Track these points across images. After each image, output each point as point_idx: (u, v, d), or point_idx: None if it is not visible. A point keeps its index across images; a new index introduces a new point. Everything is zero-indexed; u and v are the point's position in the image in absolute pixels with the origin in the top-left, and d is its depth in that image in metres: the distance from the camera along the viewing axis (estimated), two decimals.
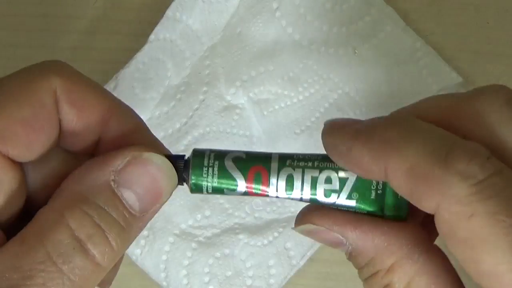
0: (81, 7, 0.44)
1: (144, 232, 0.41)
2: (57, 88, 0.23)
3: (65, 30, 0.43)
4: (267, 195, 0.24)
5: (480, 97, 0.22)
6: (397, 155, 0.21)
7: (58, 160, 0.24)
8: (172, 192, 0.24)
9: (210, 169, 0.24)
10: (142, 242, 0.41)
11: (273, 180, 0.24)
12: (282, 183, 0.24)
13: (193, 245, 0.42)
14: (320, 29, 0.43)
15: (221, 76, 0.43)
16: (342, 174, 0.24)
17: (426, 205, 0.20)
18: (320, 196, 0.24)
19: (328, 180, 0.24)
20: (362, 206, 0.24)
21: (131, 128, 0.25)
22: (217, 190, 0.24)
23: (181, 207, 0.42)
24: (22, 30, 0.43)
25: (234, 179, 0.24)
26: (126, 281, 0.43)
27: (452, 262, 0.23)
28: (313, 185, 0.24)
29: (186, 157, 0.24)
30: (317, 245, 0.42)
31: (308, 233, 0.24)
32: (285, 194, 0.24)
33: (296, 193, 0.24)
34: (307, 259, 0.42)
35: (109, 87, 0.41)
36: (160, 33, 0.42)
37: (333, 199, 0.24)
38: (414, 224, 0.23)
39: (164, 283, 0.41)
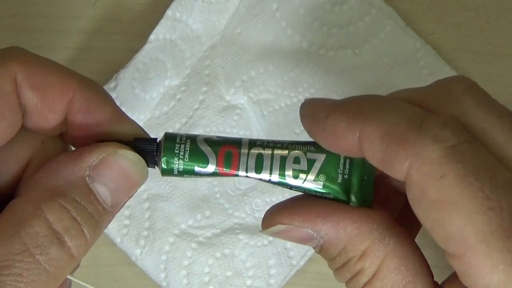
0: (81, 7, 0.44)
1: (144, 232, 0.41)
2: (17, 75, 0.23)
3: (65, 30, 0.43)
4: (237, 175, 0.24)
5: (443, 86, 0.23)
6: (373, 120, 0.21)
7: (25, 143, 0.25)
8: (140, 186, 0.25)
9: (182, 148, 0.24)
10: (142, 242, 0.41)
11: (243, 159, 0.24)
12: (252, 162, 0.24)
13: (193, 245, 0.42)
14: (320, 29, 0.43)
15: (221, 76, 0.43)
16: (310, 155, 0.24)
17: (397, 168, 0.21)
18: (289, 178, 0.24)
19: (297, 160, 0.24)
20: (329, 190, 0.24)
21: (98, 105, 0.25)
22: (187, 170, 0.25)
23: (181, 207, 0.42)
24: (22, 30, 0.43)
25: (205, 157, 0.24)
26: (126, 281, 0.43)
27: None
28: (282, 165, 0.24)
29: (158, 140, 0.25)
30: None
31: (277, 234, 0.24)
32: (254, 174, 0.24)
33: (265, 174, 0.24)
34: (307, 259, 0.42)
35: (109, 87, 0.41)
36: (160, 33, 0.42)
37: (300, 181, 0.24)
38: (379, 209, 0.24)
39: (164, 283, 0.41)
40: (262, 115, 0.42)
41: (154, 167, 0.25)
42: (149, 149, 0.25)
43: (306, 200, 0.24)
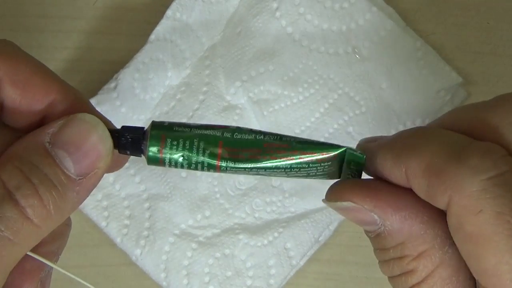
0: (81, 7, 0.44)
1: (144, 232, 0.41)
2: (0, 69, 0.23)
3: (65, 30, 0.43)
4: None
5: (497, 110, 0.22)
6: (415, 156, 0.21)
7: (1, 137, 0.24)
8: (109, 156, 0.24)
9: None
10: (142, 242, 0.41)
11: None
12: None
13: (193, 245, 0.42)
14: (320, 28, 0.43)
15: (221, 76, 0.43)
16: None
17: (440, 200, 0.20)
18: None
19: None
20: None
21: (78, 107, 0.25)
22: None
23: (181, 207, 0.42)
24: (22, 30, 0.43)
25: None
26: (126, 281, 0.43)
27: None
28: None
29: (145, 129, 0.25)
30: (317, 245, 0.42)
31: (340, 210, 0.24)
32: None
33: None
34: (307, 259, 0.42)
35: (109, 87, 0.41)
36: (160, 33, 0.42)
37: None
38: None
39: (164, 283, 0.41)
40: (262, 115, 0.42)
41: (141, 156, 0.25)
42: (135, 138, 0.24)
43: (380, 184, 0.23)
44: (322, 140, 0.42)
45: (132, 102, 0.42)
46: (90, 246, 0.43)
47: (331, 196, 0.24)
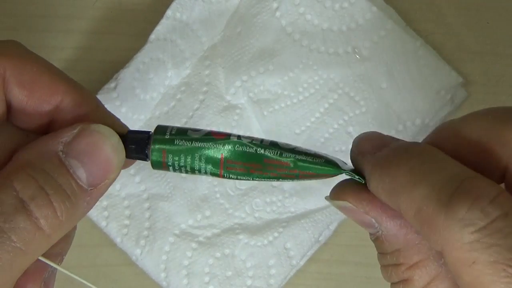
0: (81, 7, 0.44)
1: (144, 232, 0.41)
2: (6, 70, 0.23)
3: (65, 30, 0.43)
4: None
5: (497, 132, 0.22)
6: (405, 198, 0.21)
7: (9, 137, 0.24)
8: (120, 167, 0.24)
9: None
10: (142, 242, 0.41)
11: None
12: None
13: (193, 245, 0.42)
14: (320, 28, 0.43)
15: (221, 76, 0.43)
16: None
17: (434, 246, 0.20)
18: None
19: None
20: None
21: (87, 108, 0.25)
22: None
23: (181, 207, 0.42)
24: (22, 30, 0.43)
25: None
26: (126, 281, 0.43)
27: None
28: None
29: (151, 133, 0.25)
30: (317, 245, 0.42)
31: (341, 209, 0.24)
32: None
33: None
34: (307, 259, 0.42)
35: (109, 87, 0.41)
36: (160, 33, 0.42)
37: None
38: None
39: (164, 283, 0.41)
40: (262, 115, 0.42)
41: (146, 160, 0.25)
42: (140, 141, 0.25)
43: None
44: (322, 140, 0.42)
45: (132, 102, 0.42)
46: (90, 246, 0.43)
47: (332, 194, 0.24)
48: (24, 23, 0.43)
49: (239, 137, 0.25)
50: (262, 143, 0.25)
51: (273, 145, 0.25)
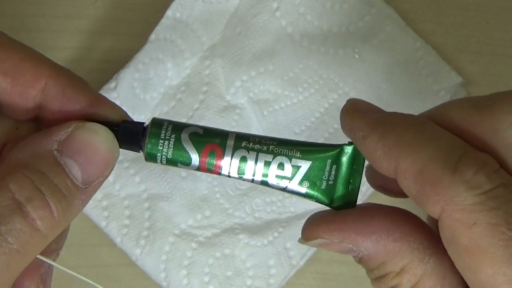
0: (81, 7, 0.44)
1: (144, 232, 0.41)
2: None
3: (65, 30, 0.43)
4: (220, 174, 0.25)
5: (494, 111, 0.22)
6: (409, 156, 0.21)
7: None
8: (115, 164, 0.24)
9: (166, 142, 0.24)
10: (142, 242, 0.41)
11: (226, 160, 0.24)
12: (235, 164, 0.24)
13: (193, 245, 0.42)
14: (320, 29, 0.43)
15: (221, 76, 0.43)
16: (295, 161, 0.24)
17: (431, 209, 0.21)
18: (272, 181, 0.24)
19: (281, 166, 0.24)
20: (312, 195, 0.24)
21: (73, 90, 0.25)
22: (171, 162, 0.25)
23: (181, 207, 0.42)
24: (22, 30, 0.43)
25: (189, 154, 0.24)
26: (126, 281, 0.43)
27: None
28: (265, 170, 0.24)
29: (145, 125, 0.25)
30: None
31: (318, 246, 0.24)
32: (237, 175, 0.24)
33: (248, 175, 0.24)
34: (307, 259, 0.42)
35: (109, 87, 0.41)
36: (160, 33, 0.42)
37: (284, 184, 0.24)
38: (424, 225, 0.23)
39: (164, 283, 0.41)
40: (262, 115, 0.42)
41: (139, 151, 0.25)
42: (135, 133, 0.24)
43: (346, 213, 0.24)
44: (322, 140, 0.42)
45: (132, 102, 0.42)
46: (90, 246, 0.43)
47: (304, 236, 0.24)
48: (24, 23, 0.43)
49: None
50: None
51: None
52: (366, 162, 0.24)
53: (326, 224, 0.24)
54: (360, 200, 0.30)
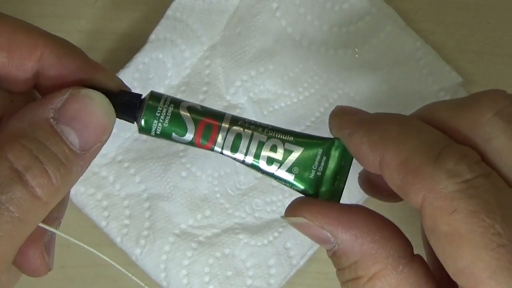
0: (81, 7, 0.44)
1: (144, 232, 0.41)
2: None
3: (65, 30, 0.43)
4: (212, 150, 0.25)
5: (474, 107, 0.22)
6: (393, 147, 0.22)
7: None
8: (112, 129, 0.24)
9: (164, 111, 0.24)
10: (142, 242, 0.41)
11: (221, 135, 0.25)
12: (229, 141, 0.25)
13: (193, 245, 0.42)
14: (320, 29, 0.43)
15: (221, 76, 0.43)
16: (288, 146, 0.25)
17: (413, 198, 0.21)
18: (263, 163, 0.25)
19: (274, 148, 0.25)
20: (299, 183, 0.25)
21: (69, 58, 0.25)
22: (165, 134, 0.25)
23: (181, 207, 0.42)
24: None
25: (184, 125, 0.24)
26: (126, 281, 0.43)
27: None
28: (258, 150, 0.25)
29: (142, 97, 0.25)
30: (317, 245, 0.42)
31: (297, 226, 0.24)
32: (229, 152, 0.25)
33: (240, 154, 0.25)
34: (307, 259, 0.42)
35: None
36: (160, 33, 0.42)
37: (273, 169, 0.25)
38: (404, 238, 0.23)
39: (164, 283, 0.41)
40: (262, 115, 0.42)
41: (133, 122, 0.25)
42: (132, 103, 0.25)
43: (334, 203, 0.24)
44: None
45: None
46: (90, 246, 0.43)
47: (287, 212, 0.25)
48: None
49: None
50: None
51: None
52: (354, 161, 0.25)
53: (312, 206, 0.24)
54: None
